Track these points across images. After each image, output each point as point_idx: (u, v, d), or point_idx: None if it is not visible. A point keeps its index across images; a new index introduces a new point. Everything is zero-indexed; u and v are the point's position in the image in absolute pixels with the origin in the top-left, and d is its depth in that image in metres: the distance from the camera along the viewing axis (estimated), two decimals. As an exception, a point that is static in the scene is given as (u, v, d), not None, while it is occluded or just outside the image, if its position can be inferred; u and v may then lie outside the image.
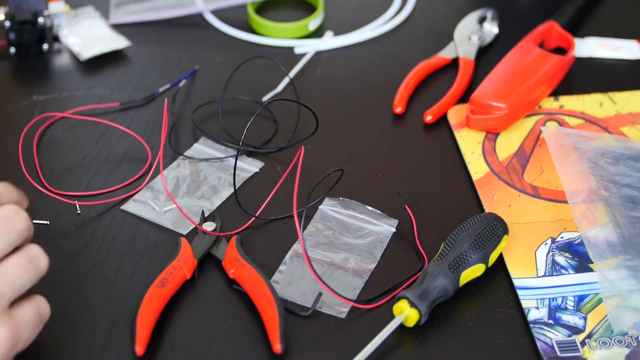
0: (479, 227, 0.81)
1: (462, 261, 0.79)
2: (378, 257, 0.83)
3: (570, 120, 0.98)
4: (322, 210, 0.87)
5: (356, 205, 0.87)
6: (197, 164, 0.91)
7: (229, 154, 0.93)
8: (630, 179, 0.87)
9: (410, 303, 0.76)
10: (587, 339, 0.77)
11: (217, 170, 0.91)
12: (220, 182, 0.90)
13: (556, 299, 0.80)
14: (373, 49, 1.08)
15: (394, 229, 0.85)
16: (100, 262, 0.82)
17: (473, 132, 0.96)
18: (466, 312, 0.79)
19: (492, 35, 1.08)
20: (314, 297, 0.79)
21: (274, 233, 0.85)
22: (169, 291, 0.78)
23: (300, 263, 0.82)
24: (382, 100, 1.00)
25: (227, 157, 0.92)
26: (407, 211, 0.86)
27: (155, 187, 0.89)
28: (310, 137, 0.92)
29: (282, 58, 1.06)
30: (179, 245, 0.81)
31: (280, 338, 0.74)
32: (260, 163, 0.92)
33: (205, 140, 0.94)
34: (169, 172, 0.91)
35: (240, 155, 0.92)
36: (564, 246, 0.84)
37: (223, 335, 0.77)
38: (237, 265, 0.80)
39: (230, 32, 1.10)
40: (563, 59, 1.00)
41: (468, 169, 0.92)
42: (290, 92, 1.01)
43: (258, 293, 0.78)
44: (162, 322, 0.77)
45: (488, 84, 0.97)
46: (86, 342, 0.76)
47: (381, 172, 0.92)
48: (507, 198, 0.89)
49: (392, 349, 0.76)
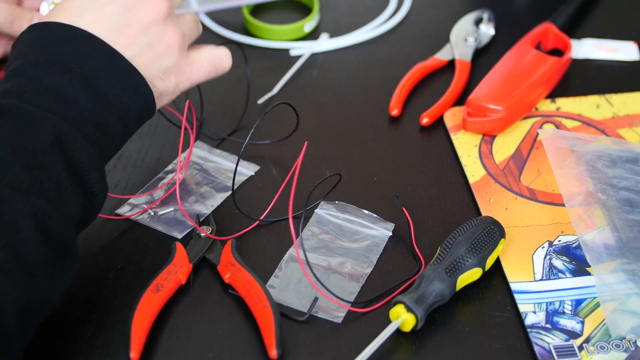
0: (476, 230, 0.80)
1: (459, 265, 0.78)
2: (374, 261, 0.83)
3: (567, 123, 0.97)
4: (318, 214, 0.87)
5: (352, 209, 0.87)
6: (191, 168, 0.91)
7: (225, 157, 0.92)
8: (628, 182, 0.87)
9: (407, 308, 0.76)
10: (584, 344, 0.77)
11: (212, 173, 0.91)
12: (215, 186, 0.89)
13: (553, 303, 0.80)
14: (369, 51, 1.08)
15: (390, 233, 0.85)
16: (94, 267, 0.82)
17: (469, 134, 0.96)
18: (463, 317, 0.79)
19: (488, 36, 1.08)
20: (310, 302, 0.78)
21: (270, 237, 0.85)
22: (163, 296, 0.78)
23: (296, 267, 0.82)
24: (378, 103, 1.00)
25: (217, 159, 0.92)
26: (405, 214, 0.85)
27: (151, 191, 0.89)
28: (289, 137, 0.92)
29: (277, 60, 1.05)
30: (173, 250, 0.81)
31: (276, 343, 0.74)
32: (256, 166, 0.91)
33: (201, 144, 0.93)
34: (165, 175, 0.90)
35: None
36: (561, 250, 0.84)
37: (218, 340, 0.77)
38: (233, 270, 0.80)
39: (225, 34, 1.09)
40: (560, 61, 1.00)
41: (464, 171, 0.92)
42: (287, 95, 1.00)
43: (254, 298, 0.77)
44: (156, 327, 0.77)
45: (484, 86, 0.97)
46: (81, 348, 0.76)
47: (377, 175, 0.92)
48: (503, 201, 0.88)
49: (389, 354, 0.76)
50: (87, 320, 0.78)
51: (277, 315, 0.76)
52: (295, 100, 0.99)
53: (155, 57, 0.79)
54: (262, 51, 1.07)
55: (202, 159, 0.92)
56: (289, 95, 1.01)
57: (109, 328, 0.77)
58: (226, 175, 0.90)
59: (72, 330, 0.77)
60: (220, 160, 0.92)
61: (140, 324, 0.75)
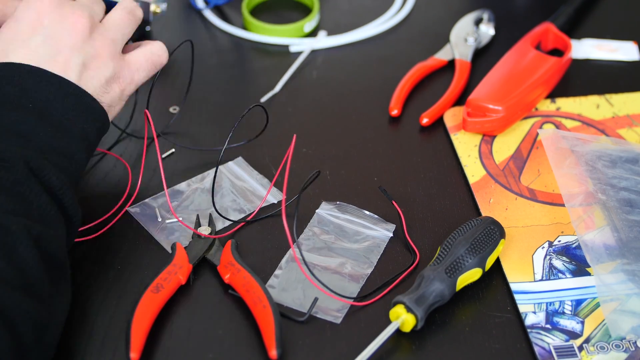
0: (476, 231, 0.80)
1: (459, 266, 0.78)
2: (374, 262, 0.83)
3: (567, 123, 0.97)
4: (319, 215, 0.87)
5: (353, 209, 0.87)
6: (221, 182, 0.90)
7: (258, 181, 0.90)
8: (628, 182, 0.87)
9: (407, 308, 0.76)
10: (584, 344, 0.77)
11: (236, 193, 0.89)
12: (233, 205, 0.88)
13: (553, 303, 0.80)
14: (369, 50, 1.08)
15: (390, 234, 0.85)
16: (94, 267, 0.82)
17: (469, 134, 0.96)
18: (463, 317, 0.79)
19: (488, 37, 1.08)
20: (310, 302, 0.78)
21: (270, 237, 0.85)
22: (163, 296, 0.78)
23: (296, 267, 0.82)
24: (378, 103, 1.00)
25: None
26: (395, 207, 0.85)
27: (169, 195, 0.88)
28: (259, 135, 0.90)
29: (277, 58, 1.05)
30: (173, 250, 0.81)
31: (276, 343, 0.74)
32: (280, 194, 0.89)
33: (241, 161, 0.92)
34: (194, 182, 0.90)
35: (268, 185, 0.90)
36: (561, 250, 0.84)
37: (218, 340, 0.77)
38: (233, 270, 0.80)
39: (224, 27, 1.09)
40: (560, 61, 1.00)
41: (464, 172, 0.92)
42: (289, 94, 1.00)
43: (253, 298, 0.77)
44: (156, 327, 0.77)
45: (484, 86, 0.97)
46: (81, 348, 0.76)
47: (377, 175, 0.92)
48: (503, 201, 0.88)
49: (389, 354, 0.76)
50: (86, 320, 0.78)
51: (277, 315, 0.76)
52: (295, 100, 1.00)
53: (93, 74, 0.79)
54: (261, 46, 1.07)
55: (235, 177, 0.90)
56: (288, 95, 1.01)
57: (109, 328, 0.77)
58: (251, 199, 0.88)
59: (72, 331, 0.77)
60: (251, 182, 0.90)
61: (140, 324, 0.75)
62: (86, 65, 0.79)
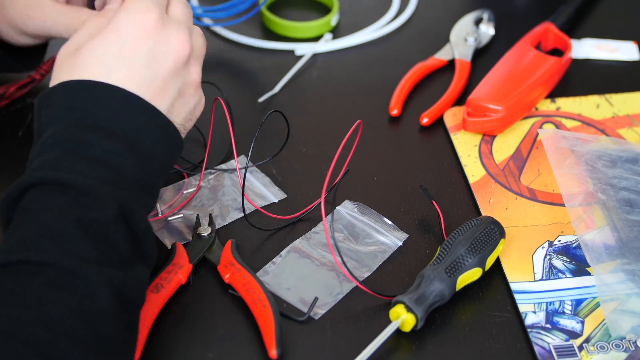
0: (476, 230, 0.80)
1: (459, 265, 0.78)
2: (374, 267, 0.82)
3: (567, 123, 0.97)
4: (338, 212, 0.86)
5: (372, 213, 0.86)
6: (223, 181, 0.89)
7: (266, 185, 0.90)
8: (628, 182, 0.87)
9: (407, 308, 0.76)
10: (584, 344, 0.77)
11: (238, 193, 0.89)
12: (234, 204, 0.88)
13: (553, 303, 0.80)
14: (369, 51, 1.08)
15: (400, 243, 0.84)
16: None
17: (469, 134, 0.96)
18: (463, 317, 0.79)
19: (488, 36, 1.08)
20: (304, 296, 0.78)
21: (270, 237, 0.85)
22: (163, 296, 0.78)
23: (295, 258, 0.82)
24: (378, 103, 1.00)
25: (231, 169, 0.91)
26: (435, 206, 0.86)
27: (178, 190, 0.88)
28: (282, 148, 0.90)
29: (280, 60, 1.05)
30: (173, 250, 0.81)
31: (276, 343, 0.74)
32: (283, 194, 0.89)
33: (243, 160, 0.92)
34: (198, 179, 0.89)
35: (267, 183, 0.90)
36: (561, 249, 0.84)
37: (218, 340, 0.77)
38: (233, 270, 0.80)
39: (226, 35, 1.09)
40: (560, 61, 1.00)
41: (464, 171, 0.92)
42: (287, 95, 1.00)
43: (253, 298, 0.77)
44: (156, 327, 0.77)
45: (484, 86, 0.97)
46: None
47: (377, 175, 0.92)
48: (503, 201, 0.88)
49: (389, 354, 0.76)
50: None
51: (277, 315, 0.76)
52: (295, 100, 1.00)
53: (184, 102, 0.76)
54: (264, 51, 1.07)
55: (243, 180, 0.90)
56: (289, 95, 1.01)
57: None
58: (252, 199, 0.88)
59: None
60: (257, 184, 0.90)
61: (140, 324, 0.75)
62: (181, 92, 0.75)
